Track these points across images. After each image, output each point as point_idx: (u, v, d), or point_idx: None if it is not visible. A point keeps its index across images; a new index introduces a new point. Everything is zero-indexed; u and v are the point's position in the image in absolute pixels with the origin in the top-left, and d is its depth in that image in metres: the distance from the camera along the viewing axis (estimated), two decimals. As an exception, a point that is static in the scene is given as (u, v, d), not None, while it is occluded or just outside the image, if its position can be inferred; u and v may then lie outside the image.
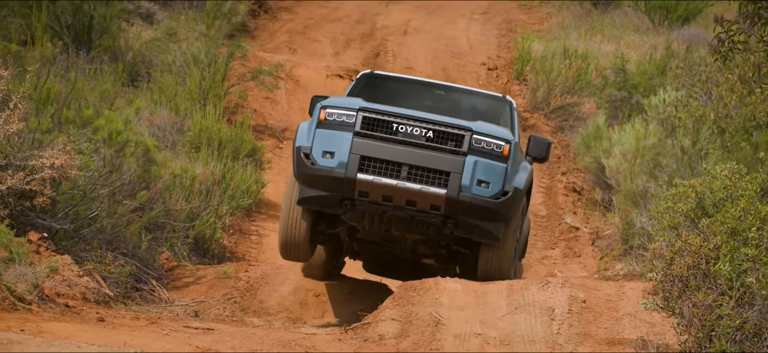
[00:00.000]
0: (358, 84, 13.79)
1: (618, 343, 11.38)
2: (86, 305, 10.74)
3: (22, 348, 6.96)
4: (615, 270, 15.18)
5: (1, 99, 11.64)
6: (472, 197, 12.14)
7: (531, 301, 12.72)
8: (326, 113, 12.25)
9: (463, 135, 12.24)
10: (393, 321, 11.98)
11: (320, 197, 12.24)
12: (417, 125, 12.23)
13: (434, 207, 12.16)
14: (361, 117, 12.19)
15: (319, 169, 12.10)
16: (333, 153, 12.10)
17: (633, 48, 23.31)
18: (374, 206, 12.23)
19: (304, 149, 12.22)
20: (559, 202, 18.16)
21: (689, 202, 10.02)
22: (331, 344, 10.95)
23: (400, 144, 12.16)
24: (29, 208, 11.65)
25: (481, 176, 12.18)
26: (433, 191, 12.10)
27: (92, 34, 18.13)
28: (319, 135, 12.20)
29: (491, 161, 12.25)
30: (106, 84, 15.64)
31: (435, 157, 12.13)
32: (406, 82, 14.17)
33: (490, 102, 13.96)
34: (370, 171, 12.09)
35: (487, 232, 12.37)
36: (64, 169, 11.66)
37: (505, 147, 12.31)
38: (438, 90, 14.11)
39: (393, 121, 12.21)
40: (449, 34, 25.33)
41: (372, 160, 12.11)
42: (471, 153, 12.21)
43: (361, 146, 12.10)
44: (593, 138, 18.29)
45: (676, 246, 9.30)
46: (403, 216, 12.31)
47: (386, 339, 11.46)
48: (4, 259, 10.44)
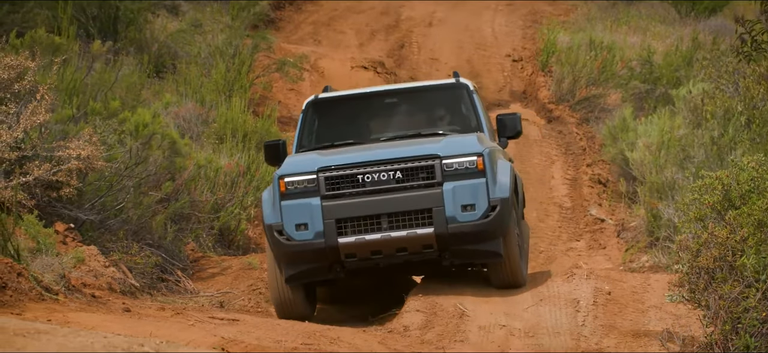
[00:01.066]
0: (306, 117, 12.91)
1: (643, 335, 11.36)
2: (112, 295, 10.79)
3: (49, 338, 7.01)
4: (640, 261, 15.15)
5: (28, 90, 11.71)
6: (460, 225, 11.59)
7: (556, 293, 12.71)
8: (286, 183, 11.56)
9: (433, 165, 11.62)
10: (418, 312, 11.99)
11: (307, 271, 11.64)
12: (382, 169, 11.60)
13: (427, 247, 11.65)
14: (323, 178, 11.54)
15: (297, 244, 11.49)
16: (306, 224, 11.47)
17: (659, 39, 23.23)
18: (365, 262, 11.67)
19: (276, 226, 11.52)
20: (584, 194, 18.13)
21: (716, 194, 9.98)
22: (355, 335, 10.98)
23: (371, 194, 11.56)
24: (56, 199, 11.71)
25: (464, 201, 11.60)
26: (420, 233, 11.57)
27: (118, 25, 18.20)
28: (286, 208, 11.51)
29: (469, 180, 11.64)
30: (132, 76, 15.71)
31: (411, 198, 11.56)
32: (354, 100, 13.21)
33: (445, 94, 13.19)
34: (350, 233, 11.48)
35: (487, 253, 11.86)
36: (91, 160, 11.72)
37: (478, 161, 11.68)
38: (389, 98, 13.25)
39: (357, 173, 11.57)
40: (474, 25, 25.31)
41: (349, 220, 11.51)
42: (446, 180, 11.60)
43: (333, 210, 11.48)
44: (619, 130, 18.24)
45: (703, 238, 9.27)
46: (398, 262, 11.80)
47: (411, 330, 11.48)
48: (31, 249, 10.50)
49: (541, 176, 18.48)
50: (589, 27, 24.51)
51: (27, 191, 11.39)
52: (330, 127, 12.84)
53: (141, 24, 18.69)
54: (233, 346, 8.70)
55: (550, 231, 16.78)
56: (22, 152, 11.47)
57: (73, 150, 11.64)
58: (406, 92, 13.25)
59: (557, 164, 19.07)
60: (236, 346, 8.76)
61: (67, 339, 6.97)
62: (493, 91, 22.32)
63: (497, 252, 11.80)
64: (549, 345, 11.10)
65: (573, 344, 11.15)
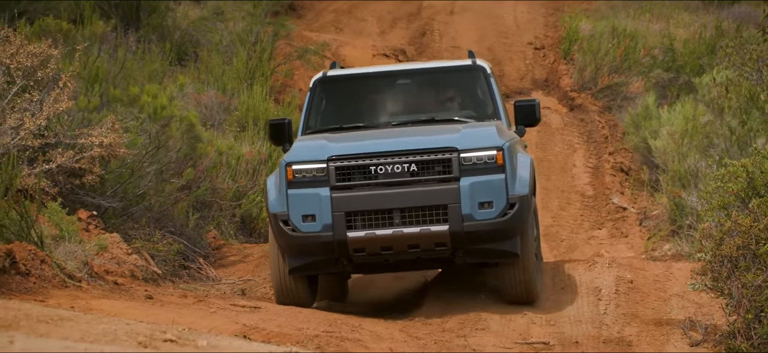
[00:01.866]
0: (313, 96, 12.23)
1: (665, 324, 11.35)
2: (135, 282, 10.84)
3: (72, 324, 7.05)
4: (663, 250, 15.12)
5: (51, 78, 11.76)
6: (477, 223, 10.92)
7: (577, 281, 12.71)
8: (294, 171, 10.95)
9: (450, 158, 10.97)
10: (439, 300, 12.01)
11: (312, 264, 11.09)
12: (396, 160, 10.95)
13: (440, 244, 10.99)
14: (334, 168, 10.89)
15: (303, 236, 10.88)
16: (314, 216, 10.85)
17: (682, 27, 23.16)
18: (374, 257, 11.05)
19: (281, 215, 10.93)
20: (607, 182, 18.10)
21: (740, 182, 9.97)
22: (376, 322, 11.01)
23: (384, 187, 10.92)
24: (79, 186, 11.76)
25: (482, 198, 10.93)
26: (434, 230, 10.90)
27: (140, 13, 18.26)
28: (293, 197, 10.90)
29: (488, 176, 10.98)
30: (154, 64, 15.75)
31: (426, 193, 10.91)
32: (365, 79, 12.53)
33: (461, 77, 12.51)
34: (360, 227, 10.86)
35: (503, 252, 11.16)
36: (113, 147, 11.77)
37: (497, 155, 11.02)
38: (402, 79, 12.56)
39: (369, 164, 10.93)
40: (496, 13, 25.27)
41: (359, 213, 10.88)
42: (464, 175, 10.95)
43: (343, 202, 10.85)
44: (642, 118, 18.21)
45: (726, 226, 9.26)
46: (408, 258, 11.18)
47: (432, 317, 11.50)
48: (54, 237, 10.56)
49: (563, 164, 18.45)
50: (612, 14, 24.45)
51: (50, 178, 11.45)
52: (338, 108, 12.24)
53: (163, 12, 18.73)
54: (255, 333, 8.74)
55: (572, 220, 16.76)
56: (46, 139, 11.52)
57: (96, 138, 11.69)
58: (420, 73, 12.65)
59: (579, 152, 19.04)
60: (258, 333, 8.80)
61: (90, 326, 7.02)
62: (515, 79, 22.28)
63: (514, 252, 11.16)
64: (570, 334, 11.11)
65: (595, 332, 11.15)
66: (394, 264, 11.36)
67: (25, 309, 7.39)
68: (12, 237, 9.92)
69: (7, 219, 10.04)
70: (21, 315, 7.00)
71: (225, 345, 6.96)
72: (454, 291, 12.07)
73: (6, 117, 11.39)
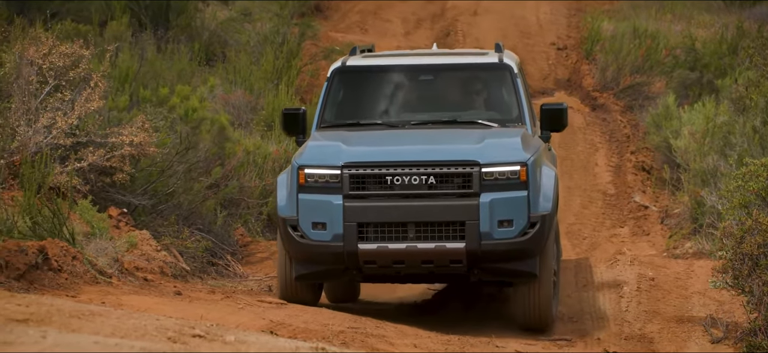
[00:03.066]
0: (330, 87, 11.50)
1: (687, 321, 11.32)
2: (164, 279, 10.87)
3: (103, 319, 7.08)
4: (684, 248, 15.08)
5: (82, 78, 11.81)
6: (495, 243, 10.20)
7: (600, 278, 12.69)
8: (306, 176, 10.31)
9: (470, 173, 10.22)
10: (460, 297, 12.02)
11: (320, 272, 10.54)
12: (414, 172, 10.23)
13: (455, 261, 10.29)
14: (348, 176, 10.22)
15: (312, 244, 10.29)
16: (324, 224, 10.23)
17: (703, 27, 23.06)
18: (385, 270, 10.44)
19: (290, 220, 10.35)
20: (628, 181, 18.05)
21: (760, 181, 9.93)
22: (401, 318, 11.02)
23: (399, 199, 10.24)
24: (109, 184, 11.80)
25: (502, 216, 10.20)
26: (449, 248, 10.20)
27: (169, 13, 18.31)
28: (304, 203, 10.28)
29: (509, 193, 10.24)
30: (182, 63, 15.80)
31: (443, 207, 10.19)
32: (385, 71, 11.68)
33: (485, 76, 11.68)
34: (372, 239, 10.22)
35: (520, 272, 10.43)
36: (143, 146, 11.81)
37: (521, 171, 10.28)
38: (424, 75, 11.72)
39: (386, 173, 10.24)
40: (519, 13, 25.23)
41: (371, 225, 10.24)
42: (484, 190, 10.21)
43: (356, 212, 10.18)
44: (663, 118, 18.15)
45: (747, 225, 9.23)
46: (421, 273, 10.54)
47: (454, 313, 11.51)
48: (85, 234, 10.60)
49: (585, 163, 18.40)
50: (634, 15, 24.37)
51: (81, 176, 11.50)
52: (356, 101, 11.55)
53: (192, 13, 18.78)
54: (281, 329, 8.76)
55: (594, 218, 16.72)
56: (77, 138, 11.58)
57: (126, 137, 11.73)
58: (443, 69, 11.72)
59: (601, 151, 18.99)
60: (284, 329, 8.82)
61: (120, 321, 7.05)
62: (538, 79, 22.24)
63: (532, 272, 10.42)
64: (592, 330, 11.10)
65: (616, 329, 11.14)
66: (405, 277, 10.79)
67: (58, 305, 7.42)
68: (44, 234, 9.97)
69: (39, 216, 10.09)
70: (53, 311, 7.04)
71: (252, 341, 6.98)
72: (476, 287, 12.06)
73: (39, 116, 11.45)
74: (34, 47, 11.76)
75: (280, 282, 10.81)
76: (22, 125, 11.34)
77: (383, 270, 10.42)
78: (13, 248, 9.23)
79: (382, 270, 10.42)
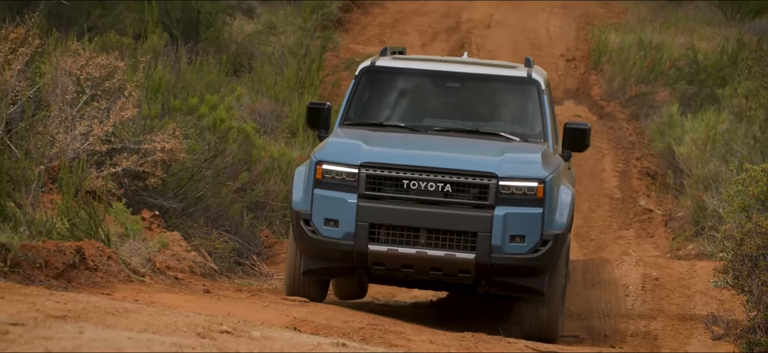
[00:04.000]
0: (357, 85, 11.01)
1: (689, 319, 11.29)
2: (193, 277, 10.89)
3: (136, 316, 7.10)
4: (687, 250, 15.03)
5: (117, 88, 11.86)
6: (506, 257, 9.71)
7: (606, 278, 12.67)
8: (323, 171, 9.88)
9: (487, 184, 9.73)
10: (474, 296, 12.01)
11: (328, 269, 10.10)
12: (432, 178, 9.76)
13: (463, 271, 9.82)
14: (365, 176, 9.78)
15: (322, 240, 9.85)
16: (337, 221, 9.78)
17: (705, 40, 23.01)
18: (393, 273, 10.00)
19: (303, 214, 9.91)
20: (634, 185, 18.01)
21: (760, 185, 9.89)
22: (417, 317, 11.02)
23: (414, 204, 9.76)
24: (142, 188, 11.84)
25: (515, 231, 9.69)
26: (459, 257, 9.73)
27: (199, 27, 18.35)
28: (319, 198, 9.86)
29: (524, 209, 9.73)
30: (211, 74, 15.84)
31: (457, 216, 9.72)
32: (414, 75, 11.17)
33: (513, 88, 11.07)
34: (382, 241, 9.77)
35: (528, 288, 9.93)
36: (174, 152, 11.84)
37: (538, 189, 9.74)
38: (452, 82, 11.15)
39: (403, 177, 9.78)
40: (530, 27, 25.21)
41: (383, 227, 9.78)
42: (499, 204, 9.71)
43: (369, 212, 9.74)
44: (667, 126, 18.11)
45: (746, 228, 9.20)
46: (428, 280, 10.12)
47: (465, 311, 11.51)
48: (120, 235, 10.63)
49: (592, 168, 18.37)
50: (639, 28, 24.32)
51: (116, 181, 11.54)
52: (382, 102, 11.01)
53: (219, 26, 18.82)
54: (304, 326, 8.77)
55: (601, 221, 16.69)
56: (112, 145, 11.62)
57: (158, 143, 11.77)
58: (471, 78, 11.10)
59: (608, 157, 18.95)
60: (307, 326, 8.83)
61: (152, 318, 7.07)
62: (548, 88, 22.22)
63: (539, 290, 9.90)
64: (599, 328, 11.07)
65: (622, 326, 11.11)
66: (412, 282, 10.39)
67: (93, 302, 7.45)
68: (81, 235, 10.01)
69: (77, 218, 10.13)
70: (89, 308, 7.07)
71: (276, 337, 7.00)
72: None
73: (76, 124, 11.50)
74: (71, 59, 11.81)
75: (288, 277, 10.42)
76: (60, 132, 11.39)
77: (391, 272, 9.98)
78: (52, 248, 9.26)
79: (390, 272, 9.98)
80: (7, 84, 11.37)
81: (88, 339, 5.91)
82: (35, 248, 9.15)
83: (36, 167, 10.84)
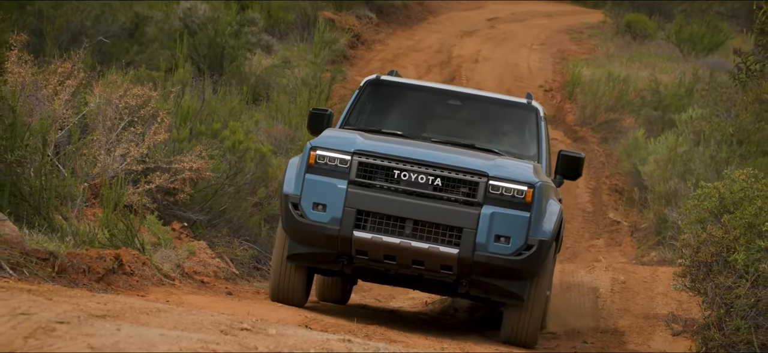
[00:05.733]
0: (360, 95, 10.22)
1: (652, 317, 11.28)
2: (217, 281, 10.89)
3: (167, 315, 7.09)
4: (650, 257, 15.03)
5: (151, 115, 11.87)
6: (489, 256, 8.67)
7: (579, 282, 12.66)
8: (317, 156, 8.90)
9: (477, 182, 8.75)
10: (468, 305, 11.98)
11: (312, 255, 9.02)
12: (423, 171, 8.77)
13: (445, 267, 8.78)
14: (357, 163, 8.81)
15: (309, 224, 8.83)
16: (325, 206, 8.78)
17: (665, 73, 23.07)
18: (375, 264, 8.93)
19: (292, 197, 8.92)
20: (604, 200, 18.01)
21: (713, 201, 9.90)
22: (415, 316, 11.00)
23: (403, 194, 8.75)
24: (173, 202, 11.84)
25: (500, 231, 8.68)
26: (442, 251, 8.68)
27: (223, 61, 18.38)
28: (310, 183, 8.85)
29: (511, 210, 8.72)
30: (233, 103, 15.86)
31: (444, 210, 8.69)
32: (417, 90, 10.32)
33: (512, 113, 10.25)
34: (368, 228, 8.75)
35: (508, 292, 8.88)
36: (200, 171, 11.85)
37: (527, 192, 8.76)
38: (453, 100, 10.36)
39: (394, 167, 8.80)
40: (513, 61, 25.25)
41: (370, 215, 8.75)
42: (487, 203, 8.72)
43: (358, 199, 8.73)
44: (632, 148, 18.12)
45: (702, 237, 9.20)
46: (410, 274, 8.99)
47: (459, 312, 11.48)
48: (153, 243, 10.63)
49: (567, 186, 18.41)
50: (608, 63, 24.38)
51: (150, 196, 11.55)
52: (382, 113, 10.18)
53: (241, 60, 18.86)
54: (315, 324, 8.76)
55: (575, 231, 16.68)
56: (146, 165, 11.63)
57: (186, 163, 11.78)
58: (472, 99, 10.30)
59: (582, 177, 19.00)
60: (317, 324, 8.82)
61: (181, 317, 7.06)
62: (528, 115, 22.23)
63: (519, 295, 8.87)
64: (574, 325, 11.06)
65: (593, 324, 11.10)
66: (394, 277, 9.25)
67: (130, 303, 7.45)
68: (119, 244, 10.01)
69: (115, 229, 10.14)
70: (126, 308, 7.07)
71: (290, 333, 6.99)
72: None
73: (116, 147, 11.52)
74: (111, 90, 11.83)
75: (273, 276, 9.39)
76: (102, 154, 11.40)
77: (374, 264, 8.91)
78: (94, 255, 9.26)
79: (373, 263, 8.90)
80: (56, 112, 11.39)
81: (125, 336, 5.91)
82: (79, 256, 9.15)
83: (80, 185, 10.85)
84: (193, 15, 18.73)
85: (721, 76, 19.66)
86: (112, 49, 16.54)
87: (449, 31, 27.16)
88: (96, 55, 15.86)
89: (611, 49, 26.42)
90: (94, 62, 14.80)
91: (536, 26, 28.95)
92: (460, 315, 11.46)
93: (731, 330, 8.48)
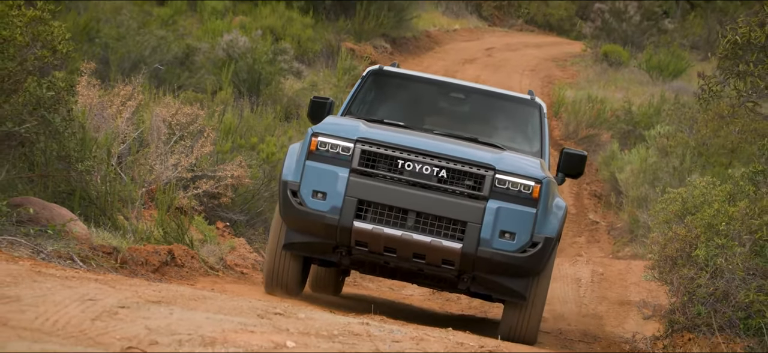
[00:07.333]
0: (363, 85, 8.76)
1: (626, 303, 11.25)
2: (255, 272, 10.91)
3: (212, 301, 7.11)
4: (624, 252, 14.98)
5: (198, 130, 11.91)
6: (493, 252, 7.31)
7: (564, 273, 12.63)
8: (318, 143, 7.47)
9: (483, 175, 7.36)
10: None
11: (310, 244, 7.60)
12: (427, 161, 7.36)
13: (447, 262, 7.39)
14: (360, 151, 7.37)
15: (308, 212, 7.40)
16: (325, 194, 7.34)
17: (637, 95, 23.04)
18: (375, 257, 7.51)
19: (291, 184, 7.48)
20: (585, 204, 17.96)
21: (677, 204, 9.88)
22: (422, 302, 10.99)
23: (406, 185, 7.34)
24: (217, 205, 11.87)
25: (505, 227, 7.31)
26: (445, 245, 7.30)
27: (260, 85, 18.43)
28: (310, 170, 7.43)
29: (517, 206, 7.35)
30: (268, 120, 15.90)
31: (449, 203, 7.29)
32: (420, 82, 8.80)
33: (516, 108, 8.80)
34: (369, 219, 7.34)
35: (510, 290, 7.53)
36: (240, 178, 11.88)
37: (535, 188, 7.41)
38: (456, 92, 8.83)
39: (398, 157, 7.37)
40: (507, 84, 25.21)
41: (372, 205, 7.34)
42: (493, 197, 7.33)
43: (359, 188, 7.30)
44: (609, 159, 18.09)
45: (668, 236, 9.18)
46: (410, 268, 7.57)
47: (462, 299, 11.46)
48: (200, 240, 10.66)
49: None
50: (588, 86, 24.35)
51: (198, 199, 11.59)
52: (385, 103, 8.72)
53: (275, 84, 18.91)
54: (337, 310, 8.76)
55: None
56: (195, 172, 11.67)
57: (228, 171, 11.82)
58: (475, 92, 8.85)
59: (565, 182, 18.94)
60: (340, 310, 8.81)
61: (224, 303, 7.08)
62: (520, 131, 22.19)
63: (521, 293, 7.54)
64: (560, 311, 11.04)
65: (576, 309, 11.08)
66: (393, 270, 7.83)
67: (180, 291, 7.48)
68: (172, 240, 10.05)
69: (168, 228, 10.17)
70: (177, 295, 7.09)
71: (317, 317, 6.99)
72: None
73: (168, 158, 11.56)
74: (165, 109, 11.89)
75: (268, 264, 8.02)
76: (157, 163, 11.46)
77: (373, 256, 7.49)
78: (150, 250, 9.31)
79: (372, 256, 7.49)
80: (118, 128, 11.45)
81: (176, 318, 5.93)
82: (138, 250, 9.19)
83: (139, 190, 10.90)
84: (234, 46, 18.81)
85: (685, 97, 19.62)
86: (166, 75, 16.62)
87: (453, 58, 27.14)
88: (153, 80, 15.94)
89: (591, 74, 26.39)
90: (151, 86, 14.86)
91: (527, 55, 28.92)
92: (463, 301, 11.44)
93: (693, 315, 8.46)
